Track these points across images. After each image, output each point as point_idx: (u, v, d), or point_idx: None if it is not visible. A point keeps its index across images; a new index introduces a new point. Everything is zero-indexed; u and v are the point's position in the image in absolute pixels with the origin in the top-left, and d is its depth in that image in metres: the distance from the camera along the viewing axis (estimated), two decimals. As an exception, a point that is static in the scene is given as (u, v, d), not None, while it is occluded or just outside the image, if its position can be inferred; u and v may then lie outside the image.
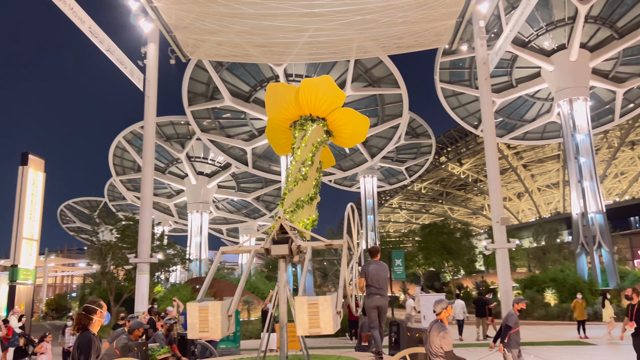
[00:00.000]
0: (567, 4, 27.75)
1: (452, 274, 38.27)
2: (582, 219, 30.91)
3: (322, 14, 18.34)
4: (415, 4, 17.26)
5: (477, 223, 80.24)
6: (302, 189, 8.15)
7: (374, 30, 20.11)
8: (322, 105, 9.08)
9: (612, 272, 30.44)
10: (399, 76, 31.08)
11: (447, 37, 20.95)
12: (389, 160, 47.13)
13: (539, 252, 39.61)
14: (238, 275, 34.06)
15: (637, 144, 62.71)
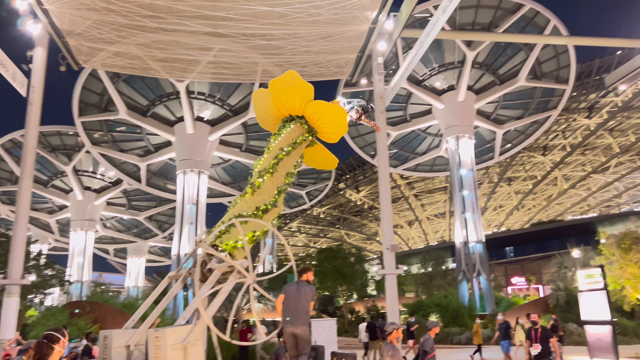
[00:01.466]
0: (457, 49, 30.24)
1: (345, 298, 39.06)
2: (464, 248, 33.19)
3: (227, 34, 18.25)
4: (319, 36, 17.82)
5: (371, 248, 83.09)
6: (251, 201, 7.79)
7: (278, 57, 20.37)
8: (294, 102, 8.73)
9: (489, 298, 32.92)
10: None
11: (348, 69, 21.78)
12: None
13: (426, 278, 41.82)
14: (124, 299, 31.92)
15: (514, 180, 69.22)
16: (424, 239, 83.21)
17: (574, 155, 60.86)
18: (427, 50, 29.71)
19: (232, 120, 32.12)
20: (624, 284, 19.49)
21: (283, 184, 8.24)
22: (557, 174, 66.34)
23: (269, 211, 7.81)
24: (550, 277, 33.70)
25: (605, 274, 18.30)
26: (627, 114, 52.14)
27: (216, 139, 33.01)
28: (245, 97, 31.02)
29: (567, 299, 27.30)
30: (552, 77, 32.53)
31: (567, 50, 30.42)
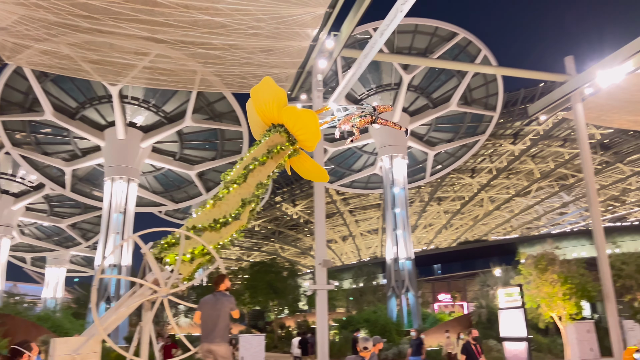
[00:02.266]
0: (394, 72, 31.23)
1: (276, 313, 38.68)
2: (394, 264, 33.94)
3: (165, 40, 17.84)
4: (260, 49, 17.83)
5: (305, 263, 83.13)
6: (210, 213, 7.42)
7: (218, 66, 20.16)
8: (272, 110, 8.34)
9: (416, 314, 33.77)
10: (241, 113, 31.43)
11: (288, 84, 21.90)
12: (224, 196, 46.73)
13: (357, 294, 42.30)
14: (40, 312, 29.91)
15: (443, 200, 71.93)
16: (357, 255, 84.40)
17: (499, 178, 64.27)
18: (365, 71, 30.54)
19: (167, 128, 31.28)
20: (540, 303, 20.61)
21: (251, 195, 7.78)
22: (483, 196, 69.70)
23: (229, 224, 7.38)
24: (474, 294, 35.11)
25: (523, 293, 19.31)
26: (547, 142, 55.86)
27: (148, 146, 31.97)
28: (182, 104, 30.36)
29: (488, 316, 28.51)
30: (482, 104, 34.31)
31: (495, 79, 32.25)
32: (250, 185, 7.89)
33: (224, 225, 7.35)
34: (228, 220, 7.39)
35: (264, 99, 8.47)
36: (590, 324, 20.99)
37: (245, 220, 7.75)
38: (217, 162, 35.02)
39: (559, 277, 20.15)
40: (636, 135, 50.94)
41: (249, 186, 7.87)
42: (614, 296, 20.81)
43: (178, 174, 36.34)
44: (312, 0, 15.32)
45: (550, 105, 25.04)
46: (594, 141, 52.37)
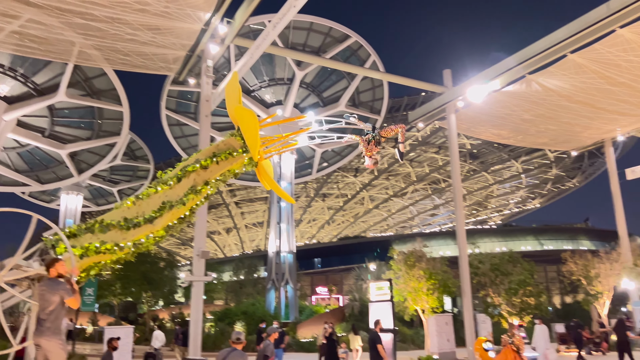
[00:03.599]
0: (288, 67, 31.44)
1: (150, 305, 37.08)
2: (276, 257, 34.26)
3: (38, 4, 16.17)
4: (146, 26, 16.87)
5: (185, 254, 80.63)
6: (127, 211, 6.73)
7: (98, 40, 18.70)
8: (229, 109, 7.43)
9: (294, 306, 34.42)
10: (123, 93, 29.48)
11: (176, 67, 21.02)
12: (100, 180, 43.66)
13: (236, 286, 42.02)
14: None
15: (328, 196, 74.07)
16: (240, 247, 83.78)
17: (380, 179, 67.76)
18: (259, 63, 30.47)
19: (36, 101, 28.39)
20: (406, 296, 22.10)
21: (177, 199, 6.83)
22: (364, 195, 72.97)
23: (140, 227, 6.63)
24: (349, 288, 36.66)
25: (392, 287, 20.57)
26: (424, 148, 59.97)
27: (13, 119, 28.81)
28: (56, 77, 27.72)
29: (361, 309, 30.00)
30: (368, 107, 35.83)
31: (382, 84, 33.85)
32: (182, 188, 6.96)
33: (135, 226, 6.65)
34: (140, 222, 6.68)
35: (227, 95, 7.78)
36: (448, 316, 22.95)
37: (159, 227, 6.79)
38: (93, 142, 32.62)
39: (424, 273, 21.77)
40: (500, 147, 56.69)
41: (180, 189, 6.95)
42: (470, 292, 22.92)
43: (47, 153, 33.21)
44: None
45: (427, 113, 26.87)
46: (464, 150, 57.31)
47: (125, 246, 6.62)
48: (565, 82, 22.17)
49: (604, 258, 25.86)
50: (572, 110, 25.13)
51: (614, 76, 21.15)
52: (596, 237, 62.14)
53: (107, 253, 6.52)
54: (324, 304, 43.67)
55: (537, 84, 22.65)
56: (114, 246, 6.56)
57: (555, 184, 69.65)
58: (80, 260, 6.43)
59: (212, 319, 32.21)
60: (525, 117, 26.56)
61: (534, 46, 20.32)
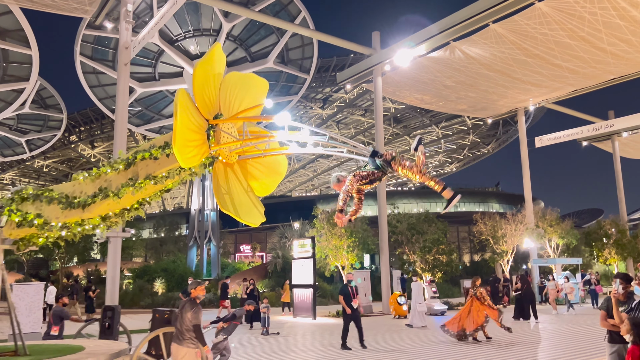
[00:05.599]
0: (215, 18, 30.14)
1: (63, 262, 35.44)
2: (199, 215, 33.75)
3: None
4: (58, -40, 15.40)
5: (101, 210, 77.23)
6: (70, 185, 6.07)
7: (1, -29, 16.86)
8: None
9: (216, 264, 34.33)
10: (31, 34, 26.94)
11: (92, 9, 19.47)
12: (6, 129, 40.27)
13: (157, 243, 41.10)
14: None
15: (253, 155, 73.35)
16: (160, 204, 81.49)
17: (307, 139, 67.87)
18: (183, 11, 28.96)
19: None
20: (328, 253, 22.73)
21: (114, 189, 5.94)
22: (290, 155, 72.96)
23: (73, 208, 5.93)
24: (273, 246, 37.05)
25: (315, 244, 21.05)
26: (351, 110, 60.66)
27: None
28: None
29: (283, 266, 30.51)
30: (297, 65, 35.38)
31: (312, 42, 33.45)
32: (124, 177, 6.06)
33: (69, 206, 5.97)
34: (74, 203, 5.97)
35: None
36: (366, 272, 23.93)
37: (90, 214, 6.03)
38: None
39: (345, 231, 22.41)
40: (422, 112, 58.58)
41: (123, 178, 6.05)
42: (387, 249, 24.02)
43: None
44: None
45: (355, 75, 27.08)
46: (389, 114, 58.64)
47: (55, 226, 6.00)
48: (486, 51, 23.11)
49: (510, 220, 27.88)
50: (491, 79, 26.35)
51: (530, 48, 22.32)
52: (505, 201, 66.83)
53: (37, 229, 5.97)
54: (247, 261, 43.94)
55: (460, 52, 23.43)
56: (43, 223, 5.97)
57: (471, 150, 73.50)
58: (17, 229, 5.93)
59: (131, 276, 31.45)
60: (447, 84, 27.51)
61: (458, 14, 20.90)
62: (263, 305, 16.05)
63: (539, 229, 28.75)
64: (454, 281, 33.47)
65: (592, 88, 28.20)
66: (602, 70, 24.81)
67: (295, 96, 38.76)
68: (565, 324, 17.09)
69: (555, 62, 23.65)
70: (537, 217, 29.75)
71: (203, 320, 7.15)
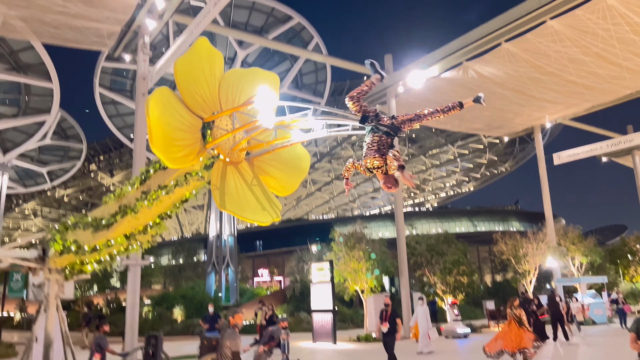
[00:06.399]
0: (230, 46, 30.73)
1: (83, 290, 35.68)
2: (217, 240, 33.84)
3: (-47, -32, 14.85)
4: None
5: (121, 238, 77.98)
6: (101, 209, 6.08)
7: (25, 10, 17.47)
8: None
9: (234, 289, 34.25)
10: (53, 69, 27.77)
11: (110, 42, 20.03)
12: (28, 160, 41.13)
13: (175, 270, 41.21)
14: None
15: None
16: (179, 231, 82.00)
17: (323, 162, 68.14)
18: (199, 40, 29.56)
19: (-46, 74, 26.26)
20: (346, 277, 22.54)
21: (131, 205, 5.92)
22: (307, 177, 73.21)
23: (100, 230, 5.93)
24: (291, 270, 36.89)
25: (333, 268, 20.92)
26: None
27: None
28: (-24, 49, 25.73)
29: (302, 290, 30.30)
30: (311, 90, 35.75)
31: (325, 67, 33.84)
32: (139, 191, 6.10)
33: (97, 228, 6.01)
34: (100, 225, 6.01)
35: None
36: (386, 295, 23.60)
37: (114, 234, 6.00)
38: (19, 120, 30.66)
39: (364, 254, 22.25)
40: (437, 132, 58.46)
41: (138, 193, 6.08)
42: (407, 272, 23.74)
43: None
44: (143, -45, 14.17)
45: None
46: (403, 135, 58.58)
47: (88, 250, 6.04)
48: (499, 70, 23.10)
49: (531, 238, 27.41)
50: (505, 98, 26.27)
51: (543, 65, 22.26)
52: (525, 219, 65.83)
53: (74, 254, 6.05)
54: (265, 286, 43.74)
55: (474, 71, 23.47)
56: (78, 248, 6.02)
57: (489, 168, 72.89)
58: (60, 257, 6.01)
59: (150, 304, 31.50)
60: (462, 103, 27.47)
61: (470, 34, 21.00)
62: (282, 330, 15.90)
63: (561, 247, 28.20)
64: (476, 303, 32.82)
65: (609, 104, 27.94)
66: (618, 85, 24.59)
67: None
68: (592, 345, 16.61)
69: (570, 79, 23.52)
70: (559, 235, 29.22)
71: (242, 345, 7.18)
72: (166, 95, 5.53)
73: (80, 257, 6.18)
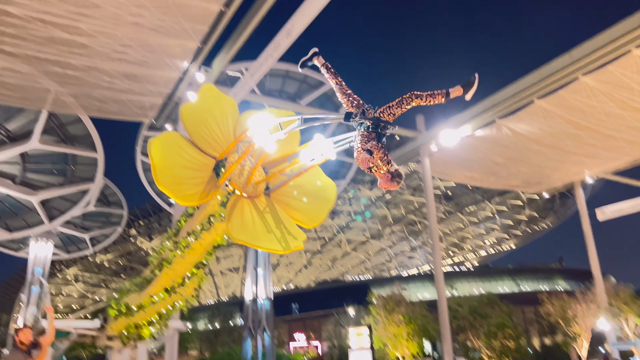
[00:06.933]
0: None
1: (121, 357, 35.60)
2: (252, 304, 33.49)
3: (14, 53, 16.16)
4: (124, 74, 16.99)
5: (158, 301, 78.27)
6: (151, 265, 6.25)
7: (75, 87, 18.71)
8: None
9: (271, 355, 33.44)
10: (98, 140, 29.27)
11: (152, 113, 21.06)
12: (72, 226, 42.54)
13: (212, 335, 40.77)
14: None
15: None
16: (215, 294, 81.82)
17: (357, 221, 67.81)
18: (235, 108, 30.74)
19: (8, 148, 27.89)
20: (386, 342, 21.79)
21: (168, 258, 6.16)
22: (341, 237, 72.76)
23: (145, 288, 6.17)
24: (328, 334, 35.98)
25: (372, 333, 20.30)
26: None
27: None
28: (30, 123, 27.38)
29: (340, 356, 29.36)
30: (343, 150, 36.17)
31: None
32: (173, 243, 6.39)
33: (141, 287, 6.31)
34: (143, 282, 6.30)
35: None
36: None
37: (155, 290, 6.17)
38: (65, 189, 31.99)
39: (404, 318, 21.57)
40: (473, 189, 57.70)
41: (172, 244, 6.36)
42: (449, 336, 22.75)
43: (17, 200, 32.35)
44: (184, 34, 15.13)
45: (402, 157, 27.37)
46: (439, 192, 58.11)
47: (136, 310, 6.21)
48: (534, 127, 22.95)
49: (579, 298, 26.07)
50: (542, 153, 25.91)
51: (579, 121, 22.02)
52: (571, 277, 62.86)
53: (125, 316, 6.20)
54: (302, 352, 42.57)
55: (507, 129, 23.39)
56: (127, 310, 6.27)
57: (529, 225, 70.81)
58: (117, 322, 6.16)
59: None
60: (497, 160, 27.24)
61: (501, 93, 21.13)
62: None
63: (613, 307, 26.63)
64: (525, 368, 30.96)
65: (651, 156, 27.14)
66: (660, 137, 23.98)
67: (344, 180, 39.29)
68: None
69: (609, 133, 23.11)
70: (609, 294, 27.67)
71: None
72: (171, 137, 5.84)
73: (131, 319, 6.27)
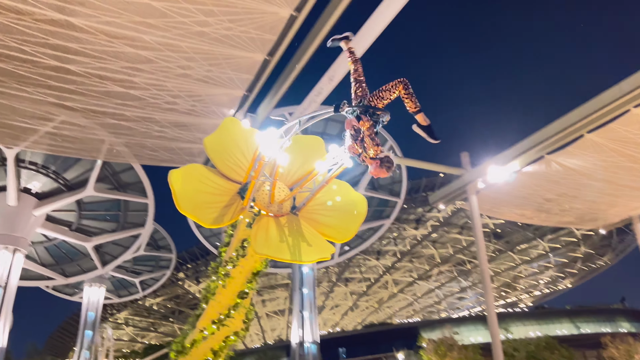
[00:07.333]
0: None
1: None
2: (299, 349, 33.04)
3: (73, 108, 17.21)
4: (174, 123, 17.74)
5: (205, 345, 78.37)
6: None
7: (128, 137, 19.63)
8: None
9: (319, 401, 32.55)
10: (149, 187, 30.41)
11: (201, 159, 21.71)
12: (123, 271, 43.77)
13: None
14: None
15: (350, 281, 72.62)
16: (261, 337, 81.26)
17: (403, 261, 66.52)
18: (279, 151, 31.34)
19: (65, 196, 29.33)
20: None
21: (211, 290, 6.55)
22: (388, 278, 71.35)
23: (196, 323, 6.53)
24: (378, 380, 34.85)
25: (424, 379, 19.54)
26: (447, 229, 59.28)
27: (42, 215, 29.64)
28: (85, 172, 28.84)
29: (391, 404, 28.25)
30: (387, 190, 36.09)
31: (400, 168, 34.31)
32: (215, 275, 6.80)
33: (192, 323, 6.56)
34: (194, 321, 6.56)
35: None
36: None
37: (204, 323, 6.48)
38: (117, 234, 33.14)
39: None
40: (524, 226, 55.78)
41: (215, 276, 6.79)
42: (507, 382, 21.61)
43: (72, 246, 33.71)
44: (230, 83, 15.74)
45: (448, 195, 26.92)
46: (488, 230, 56.48)
47: (189, 347, 6.38)
48: (585, 161, 22.18)
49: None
50: (596, 189, 24.90)
51: (634, 154, 21.14)
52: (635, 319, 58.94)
53: (181, 356, 6.38)
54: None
55: (557, 164, 22.70)
56: (182, 348, 6.44)
57: (586, 262, 67.40)
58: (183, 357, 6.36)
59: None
60: (548, 197, 26.34)
61: (550, 127, 20.67)
62: None
63: (687, 352, 24.66)
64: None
65: None
66: None
67: (388, 219, 38.93)
68: None
69: (667, 165, 22.04)
70: (681, 337, 25.73)
71: None
72: (193, 168, 6.61)
73: (186, 357, 6.39)
